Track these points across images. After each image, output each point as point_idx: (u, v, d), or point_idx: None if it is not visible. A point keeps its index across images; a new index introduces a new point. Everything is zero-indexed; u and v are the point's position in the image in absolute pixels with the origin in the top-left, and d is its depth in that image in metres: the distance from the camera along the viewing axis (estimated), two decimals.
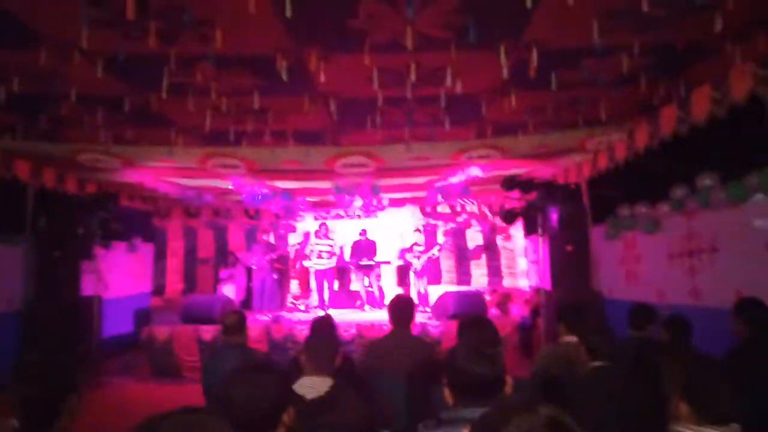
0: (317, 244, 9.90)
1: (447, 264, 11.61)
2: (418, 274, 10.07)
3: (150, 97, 4.33)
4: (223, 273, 10.50)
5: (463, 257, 11.63)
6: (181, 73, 3.94)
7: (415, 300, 9.73)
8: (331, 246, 9.96)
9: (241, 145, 5.69)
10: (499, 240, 11.39)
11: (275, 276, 10.49)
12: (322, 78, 3.97)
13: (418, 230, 10.84)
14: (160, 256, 11.08)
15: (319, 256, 9.99)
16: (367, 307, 10.01)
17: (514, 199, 8.21)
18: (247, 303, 10.16)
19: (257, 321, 8.30)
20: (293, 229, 11.78)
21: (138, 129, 5.21)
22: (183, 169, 7.20)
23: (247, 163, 6.68)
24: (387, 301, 8.53)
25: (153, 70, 3.87)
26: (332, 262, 9.88)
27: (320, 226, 10.08)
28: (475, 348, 1.83)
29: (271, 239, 10.86)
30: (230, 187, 7.93)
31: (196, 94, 4.30)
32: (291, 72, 3.84)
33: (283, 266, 11.07)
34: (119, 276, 9.24)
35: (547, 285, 7.55)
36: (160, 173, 7.44)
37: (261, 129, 5.18)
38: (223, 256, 11.06)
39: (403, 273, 11.30)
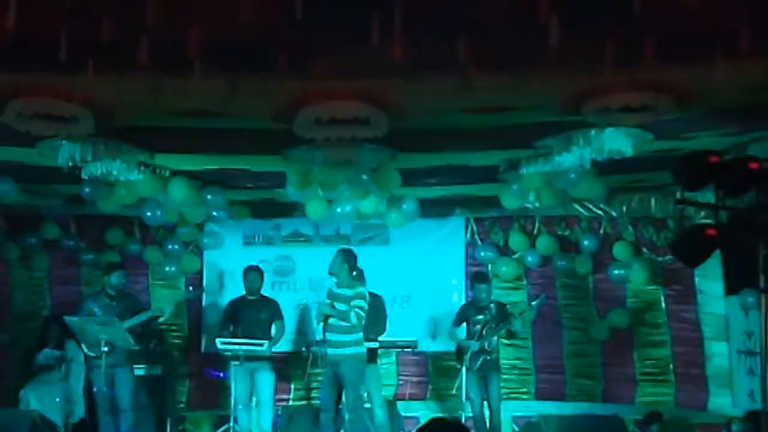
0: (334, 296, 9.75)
1: (544, 351, 11.64)
2: (480, 374, 10.12)
3: None
4: (39, 361, 10.53)
5: (580, 337, 11.65)
6: None
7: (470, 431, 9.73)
8: (355, 305, 9.54)
9: (84, 72, 5.73)
10: (666, 300, 11.39)
11: (144, 370, 10.43)
12: None
13: (482, 275, 10.86)
14: None
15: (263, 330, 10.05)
16: None
17: (703, 207, 8.16)
18: (87, 430, 10.17)
19: None
20: (197, 265, 11.89)
21: None
22: None
23: (97, 108, 6.71)
24: None
25: None
26: (357, 347, 9.67)
27: (336, 257, 9.84)
28: None
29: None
30: (60, 164, 7.94)
31: None
32: None
33: (163, 347, 11.07)
34: None
35: None
36: None
37: (129, 36, 5.22)
38: (39, 323, 11.11)
39: (443, 371, 11.26)
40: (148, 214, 10.25)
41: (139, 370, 10.22)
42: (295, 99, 6.53)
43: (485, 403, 10.14)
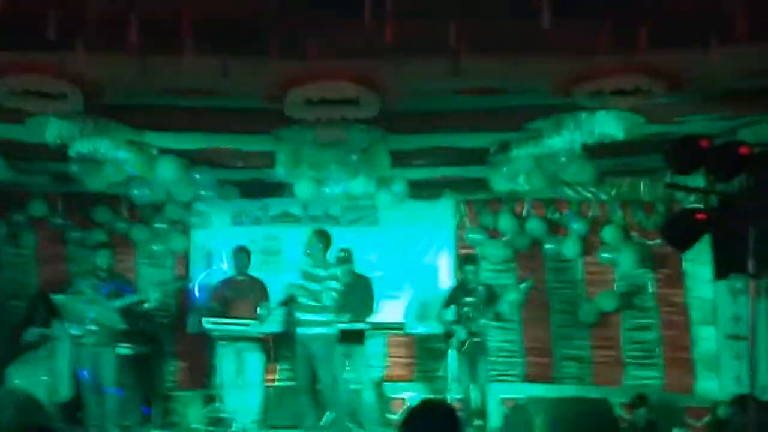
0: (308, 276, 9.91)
1: (532, 334, 11.70)
2: (468, 356, 10.19)
3: None
4: (26, 339, 10.52)
5: (568, 320, 11.71)
6: None
7: (459, 414, 9.75)
8: (329, 287, 9.77)
9: (74, 50, 5.72)
10: (654, 284, 11.47)
11: (131, 349, 10.46)
12: None
13: (470, 256, 10.95)
14: None
15: (251, 310, 10.13)
16: (350, 426, 10.06)
17: (694, 192, 8.18)
18: (73, 409, 10.18)
19: None
20: (185, 244, 11.88)
21: None
22: None
23: (87, 86, 6.71)
24: (399, 416, 8.36)
25: None
26: (328, 326, 9.83)
27: (311, 237, 9.98)
28: None
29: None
30: (48, 141, 7.92)
31: None
32: None
33: (151, 327, 11.12)
34: None
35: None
36: None
37: (118, 15, 5.20)
38: (24, 300, 11.13)
39: (431, 353, 11.29)
40: (136, 192, 10.23)
41: (126, 350, 10.23)
42: (286, 79, 6.53)
43: (473, 385, 10.18)
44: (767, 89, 6.72)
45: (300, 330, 9.81)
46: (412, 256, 11.72)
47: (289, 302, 10.03)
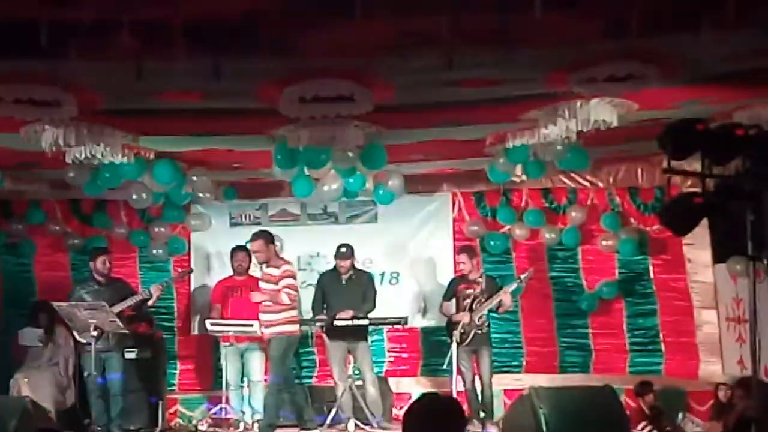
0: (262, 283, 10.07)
1: (533, 324, 11.70)
2: (471, 348, 10.18)
3: None
4: (23, 341, 10.53)
5: (570, 309, 11.72)
6: None
7: (463, 407, 9.77)
8: (285, 284, 10.04)
9: (67, 57, 5.71)
10: (653, 270, 11.47)
11: (135, 353, 10.49)
12: None
13: (466, 247, 10.97)
14: None
15: (253, 311, 10.17)
16: (352, 423, 10.07)
17: (690, 175, 8.18)
18: (78, 416, 10.20)
19: None
20: (184, 247, 11.88)
21: None
22: None
23: (83, 95, 6.71)
24: (401, 410, 8.37)
25: None
26: (287, 325, 10.00)
27: (258, 239, 10.11)
28: None
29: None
30: (43, 149, 7.90)
31: None
32: None
33: (153, 330, 11.12)
34: None
35: None
36: None
37: (110, 18, 5.19)
38: (26, 308, 11.14)
39: (434, 346, 11.29)
40: (134, 197, 10.21)
41: (130, 354, 10.24)
42: (279, 78, 6.53)
43: (476, 377, 10.19)
44: (760, 71, 6.71)
45: (265, 330, 9.96)
46: (411, 250, 11.73)
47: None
